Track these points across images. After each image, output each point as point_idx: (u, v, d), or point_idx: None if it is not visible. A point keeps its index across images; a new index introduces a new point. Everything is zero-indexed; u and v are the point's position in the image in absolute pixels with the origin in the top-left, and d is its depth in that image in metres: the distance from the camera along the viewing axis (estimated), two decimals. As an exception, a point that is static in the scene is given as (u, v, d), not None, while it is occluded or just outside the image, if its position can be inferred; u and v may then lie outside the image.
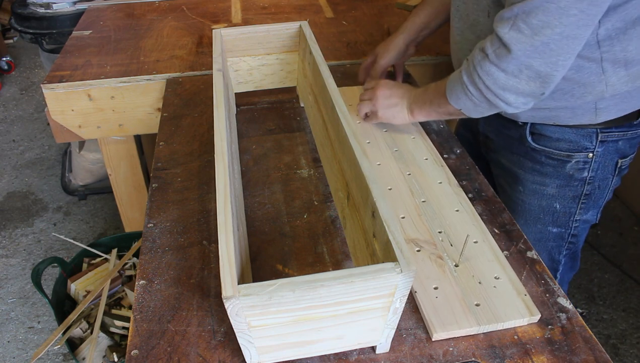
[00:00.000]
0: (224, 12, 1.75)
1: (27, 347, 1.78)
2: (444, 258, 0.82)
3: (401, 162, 1.02)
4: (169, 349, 0.70)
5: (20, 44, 3.75)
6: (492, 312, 0.73)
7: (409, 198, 0.93)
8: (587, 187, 1.02)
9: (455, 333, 0.71)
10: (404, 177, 0.98)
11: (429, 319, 0.72)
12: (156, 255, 0.84)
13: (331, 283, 0.57)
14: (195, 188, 0.98)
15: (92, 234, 2.21)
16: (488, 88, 0.84)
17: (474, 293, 0.76)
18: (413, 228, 0.87)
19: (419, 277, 0.78)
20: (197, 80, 1.34)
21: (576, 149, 0.99)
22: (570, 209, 1.06)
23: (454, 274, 0.79)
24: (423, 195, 0.94)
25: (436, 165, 1.01)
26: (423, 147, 1.06)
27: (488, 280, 0.78)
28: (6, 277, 2.02)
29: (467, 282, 0.78)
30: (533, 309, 0.73)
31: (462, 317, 0.72)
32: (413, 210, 0.91)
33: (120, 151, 1.51)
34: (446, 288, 0.77)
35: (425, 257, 0.82)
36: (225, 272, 0.58)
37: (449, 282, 0.78)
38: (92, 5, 1.83)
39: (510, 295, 0.75)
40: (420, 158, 1.03)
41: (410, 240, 0.85)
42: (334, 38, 1.54)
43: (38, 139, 2.80)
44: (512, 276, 0.78)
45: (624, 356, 1.74)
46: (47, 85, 1.31)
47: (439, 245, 0.84)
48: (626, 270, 2.00)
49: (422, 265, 0.80)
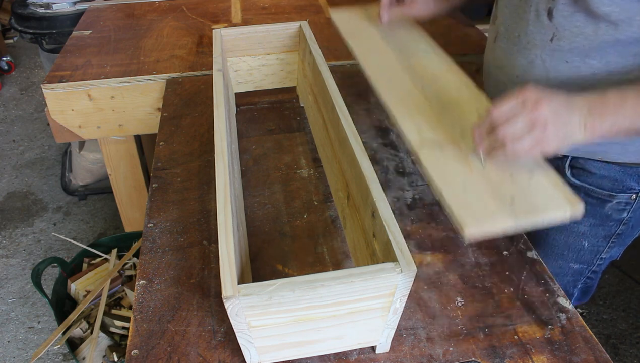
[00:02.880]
0: (224, 12, 1.75)
1: (27, 347, 1.78)
2: (470, 158, 0.74)
3: (411, 70, 0.93)
4: (169, 349, 0.70)
5: (20, 44, 3.75)
6: (528, 203, 0.65)
7: (425, 103, 0.85)
8: (622, 227, 0.94)
9: (491, 229, 0.64)
10: (416, 86, 0.89)
11: (458, 214, 0.64)
12: (156, 255, 0.84)
13: (331, 283, 0.57)
14: (195, 188, 0.98)
15: (92, 234, 2.21)
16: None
17: (508, 187, 0.68)
18: (431, 130, 0.79)
19: (443, 178, 0.71)
20: (197, 80, 1.34)
21: (620, 189, 0.89)
22: (598, 248, 0.98)
23: (481, 171, 0.71)
24: (437, 99, 0.86)
25: (452, 73, 0.92)
26: (436, 59, 0.96)
27: (521, 174, 0.70)
28: (6, 277, 2.02)
29: (497, 177, 0.70)
30: (575, 199, 0.66)
31: (495, 210, 0.64)
32: (428, 114, 0.82)
33: (120, 151, 1.51)
34: (474, 185, 0.69)
35: (449, 156, 0.75)
36: (225, 272, 0.58)
37: (476, 178, 0.70)
38: (92, 5, 1.83)
39: (547, 186, 0.68)
40: (435, 68, 0.94)
41: (430, 141, 0.77)
42: (334, 38, 1.54)
43: (38, 139, 2.80)
44: (546, 168, 0.71)
45: (624, 356, 1.74)
46: (47, 85, 1.31)
47: (466, 147, 0.75)
48: (626, 270, 2.00)
49: (446, 166, 0.73)
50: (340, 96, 0.90)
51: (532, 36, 0.84)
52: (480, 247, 0.86)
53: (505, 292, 0.78)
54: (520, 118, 0.67)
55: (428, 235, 0.88)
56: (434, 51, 0.97)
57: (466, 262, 0.83)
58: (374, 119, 1.17)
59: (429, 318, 0.75)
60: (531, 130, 0.67)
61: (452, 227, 0.90)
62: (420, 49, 0.98)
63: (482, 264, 0.83)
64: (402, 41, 1.01)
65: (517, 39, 0.87)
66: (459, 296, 0.78)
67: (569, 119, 0.68)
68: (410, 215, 0.92)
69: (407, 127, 0.80)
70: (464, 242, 0.87)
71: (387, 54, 0.96)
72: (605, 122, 0.69)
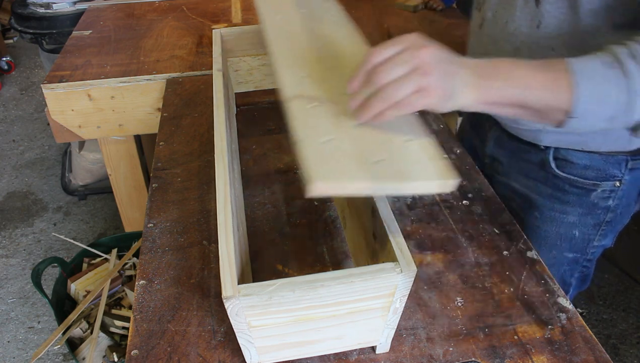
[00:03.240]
0: (224, 12, 1.75)
1: (27, 347, 1.78)
2: (345, 117, 0.64)
3: (314, 33, 0.86)
4: (169, 349, 0.70)
5: (20, 44, 3.75)
6: (395, 168, 0.57)
7: (316, 63, 0.77)
8: (610, 214, 0.95)
9: (342, 188, 0.55)
10: (314, 47, 0.81)
11: (308, 167, 0.55)
12: (156, 255, 0.84)
13: (331, 283, 0.57)
14: (195, 189, 0.98)
15: (92, 234, 2.21)
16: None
17: (377, 151, 0.59)
18: (312, 87, 0.70)
19: (305, 129, 0.61)
20: (197, 80, 1.34)
21: (604, 178, 0.90)
22: (589, 236, 0.99)
23: (354, 129, 0.62)
24: (334, 62, 0.77)
25: (355, 42, 0.84)
26: (343, 26, 0.89)
27: (396, 141, 0.61)
28: (6, 277, 2.02)
29: (369, 139, 0.61)
30: (450, 172, 0.57)
31: (353, 169, 0.56)
32: (316, 72, 0.73)
33: (120, 151, 1.51)
34: (339, 142, 0.60)
35: (321, 112, 0.65)
36: (225, 271, 0.58)
37: (344, 136, 0.61)
38: (92, 5, 1.83)
39: (422, 156, 0.59)
40: (339, 34, 0.87)
41: (305, 96, 0.67)
42: (334, 38, 1.54)
43: (38, 139, 2.80)
44: (428, 139, 0.63)
45: (624, 356, 1.74)
46: (47, 85, 1.31)
47: (344, 105, 0.65)
48: (626, 270, 2.00)
49: (313, 119, 0.63)
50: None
51: (520, 22, 0.84)
52: (481, 247, 0.86)
53: (505, 292, 0.78)
54: (400, 61, 0.59)
55: (428, 235, 0.88)
56: (342, 21, 0.91)
57: (466, 262, 0.83)
58: (374, 119, 1.17)
59: (429, 318, 0.75)
60: (412, 75, 0.58)
61: (452, 227, 0.90)
62: (328, 16, 0.94)
63: (482, 264, 0.83)
64: (313, 8, 0.96)
65: (505, 25, 0.87)
66: (459, 296, 0.78)
67: (455, 71, 0.62)
68: (410, 215, 0.92)
69: (285, 79, 0.71)
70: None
71: (292, 18, 0.90)
72: (493, 86, 0.63)
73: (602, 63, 0.63)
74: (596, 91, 0.62)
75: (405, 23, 1.65)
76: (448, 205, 0.94)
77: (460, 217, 0.92)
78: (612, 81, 0.62)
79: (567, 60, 0.64)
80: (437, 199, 0.96)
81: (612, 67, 0.62)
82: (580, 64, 0.63)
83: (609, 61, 0.63)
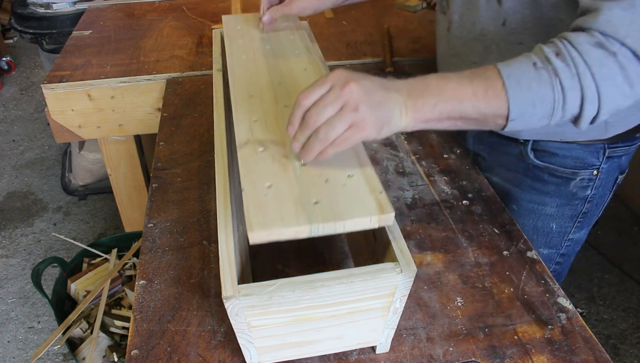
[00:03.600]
0: (224, 12, 1.75)
1: (27, 347, 1.78)
2: (290, 158, 0.67)
3: (275, 72, 0.87)
4: (169, 349, 0.70)
5: (20, 44, 3.75)
6: (331, 209, 0.58)
7: (271, 104, 0.79)
8: (587, 205, 0.97)
9: (279, 234, 0.57)
10: (272, 85, 0.83)
11: (249, 217, 0.58)
12: (156, 255, 0.84)
13: (331, 283, 0.57)
14: (195, 189, 0.98)
15: (92, 234, 2.21)
16: (593, 78, 0.63)
17: (317, 191, 0.61)
18: (264, 130, 0.73)
19: (251, 177, 0.64)
20: (197, 80, 1.34)
21: (582, 166, 0.92)
22: (565, 229, 1.00)
23: (296, 173, 0.65)
24: (289, 100, 0.79)
25: (315, 74, 0.85)
26: (306, 60, 0.90)
27: (338, 179, 0.63)
28: (6, 277, 2.02)
29: (310, 180, 0.63)
30: (386, 206, 0.59)
31: (291, 214, 0.58)
32: (270, 114, 0.76)
33: (120, 151, 1.51)
34: (282, 187, 0.62)
35: (268, 156, 0.67)
36: (225, 271, 0.58)
37: (288, 180, 0.63)
38: (92, 5, 1.83)
39: (360, 192, 0.61)
40: (299, 68, 0.88)
41: (256, 140, 0.70)
42: (334, 38, 1.54)
43: (38, 139, 2.80)
44: (370, 172, 0.65)
45: (624, 356, 1.74)
46: (47, 85, 1.31)
47: (290, 146, 0.67)
48: (626, 270, 2.00)
49: (260, 165, 0.66)
50: None
51: (485, 22, 0.86)
52: (480, 247, 0.86)
53: (505, 292, 0.78)
54: (329, 101, 0.61)
55: (428, 235, 0.88)
56: (308, 52, 0.92)
57: (466, 262, 0.83)
58: (374, 119, 1.17)
59: (429, 318, 0.75)
60: (342, 113, 0.60)
61: (452, 227, 0.90)
62: (294, 48, 0.94)
63: (482, 264, 0.83)
64: (279, 41, 0.96)
65: (472, 26, 0.88)
66: (459, 296, 0.78)
67: (385, 97, 0.63)
68: (410, 215, 0.92)
69: (239, 126, 0.75)
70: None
71: (257, 53, 0.92)
72: (426, 104, 0.64)
73: (531, 64, 0.65)
74: (528, 93, 0.64)
75: (405, 23, 1.65)
76: (448, 205, 0.94)
77: (460, 217, 0.92)
78: (543, 81, 0.64)
79: (498, 66, 0.66)
80: (437, 199, 0.96)
81: (541, 67, 0.64)
82: (509, 69, 0.65)
83: (537, 61, 0.65)
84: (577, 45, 0.64)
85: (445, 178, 1.01)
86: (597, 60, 0.63)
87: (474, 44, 0.90)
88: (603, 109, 0.65)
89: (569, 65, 0.63)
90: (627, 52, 0.62)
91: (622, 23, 0.62)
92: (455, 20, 0.93)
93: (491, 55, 0.88)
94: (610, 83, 0.63)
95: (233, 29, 1.06)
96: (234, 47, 0.98)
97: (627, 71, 0.63)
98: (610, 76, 0.63)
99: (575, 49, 0.64)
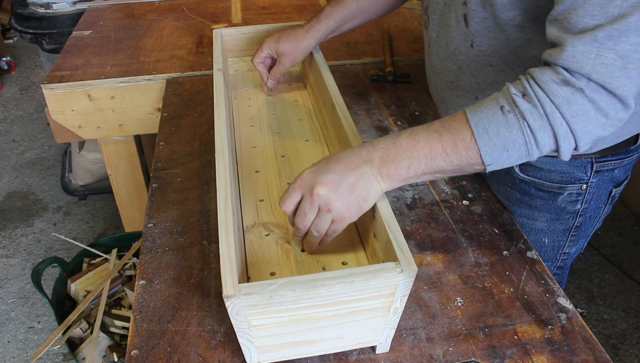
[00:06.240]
0: (224, 12, 1.75)
1: (27, 347, 1.78)
2: (292, 244, 0.77)
3: (279, 143, 0.95)
4: (169, 349, 0.70)
5: (20, 44, 3.75)
6: None
7: (275, 181, 0.87)
8: (579, 219, 0.94)
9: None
10: (276, 159, 0.91)
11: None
12: (156, 255, 0.84)
13: (331, 283, 0.57)
14: (195, 189, 0.98)
15: (92, 234, 2.21)
16: (564, 118, 0.63)
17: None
18: (268, 212, 0.83)
19: (257, 263, 0.74)
20: (197, 80, 1.34)
21: (569, 181, 0.89)
22: (559, 243, 0.97)
23: (297, 259, 0.75)
24: (291, 176, 0.87)
25: (316, 147, 0.92)
26: (308, 128, 0.98)
27: (333, 266, 0.74)
28: (6, 277, 2.02)
29: (310, 267, 0.74)
30: None
31: None
32: (275, 194, 0.85)
33: (120, 151, 1.51)
34: (284, 274, 0.72)
35: (272, 241, 0.78)
36: (225, 270, 0.58)
37: (289, 268, 0.74)
38: (92, 5, 1.83)
39: None
40: (301, 139, 0.96)
41: (262, 224, 0.80)
42: (334, 38, 1.54)
43: (38, 139, 2.80)
44: (362, 259, 0.75)
45: (624, 356, 1.74)
46: (47, 85, 1.31)
47: (291, 230, 0.76)
48: (626, 270, 2.00)
49: (266, 250, 0.76)
50: (341, 96, 0.90)
51: (457, 42, 0.86)
52: (480, 247, 0.86)
53: (505, 292, 0.79)
54: (306, 208, 0.68)
55: (428, 235, 0.88)
56: (309, 118, 1.01)
57: (466, 262, 0.83)
58: (374, 119, 1.17)
59: (429, 318, 0.75)
60: (321, 215, 0.67)
61: (452, 227, 0.90)
62: (296, 114, 1.03)
63: (482, 264, 0.83)
64: (283, 106, 1.07)
65: (446, 45, 0.88)
66: (459, 296, 0.78)
67: (356, 178, 0.67)
68: (410, 215, 0.93)
69: (247, 209, 0.84)
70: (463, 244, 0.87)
71: (262, 122, 1.01)
72: (400, 167, 0.67)
73: (499, 108, 0.65)
74: (497, 139, 0.64)
75: (405, 23, 1.65)
76: (448, 205, 0.94)
77: (460, 217, 0.92)
78: (511, 125, 0.64)
79: (467, 114, 0.66)
80: (437, 199, 0.96)
81: (508, 111, 0.64)
82: (477, 117, 0.65)
83: (504, 104, 0.65)
84: (542, 85, 0.63)
85: (445, 178, 1.01)
86: (564, 99, 0.62)
87: (448, 63, 0.89)
88: (581, 142, 0.64)
89: (535, 106, 0.63)
90: (595, 86, 0.61)
91: (586, 58, 0.61)
92: (433, 37, 0.93)
93: (464, 75, 0.87)
94: (582, 119, 0.62)
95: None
96: (240, 111, 1.08)
97: (599, 104, 0.62)
98: (581, 112, 0.62)
99: (542, 88, 0.63)
